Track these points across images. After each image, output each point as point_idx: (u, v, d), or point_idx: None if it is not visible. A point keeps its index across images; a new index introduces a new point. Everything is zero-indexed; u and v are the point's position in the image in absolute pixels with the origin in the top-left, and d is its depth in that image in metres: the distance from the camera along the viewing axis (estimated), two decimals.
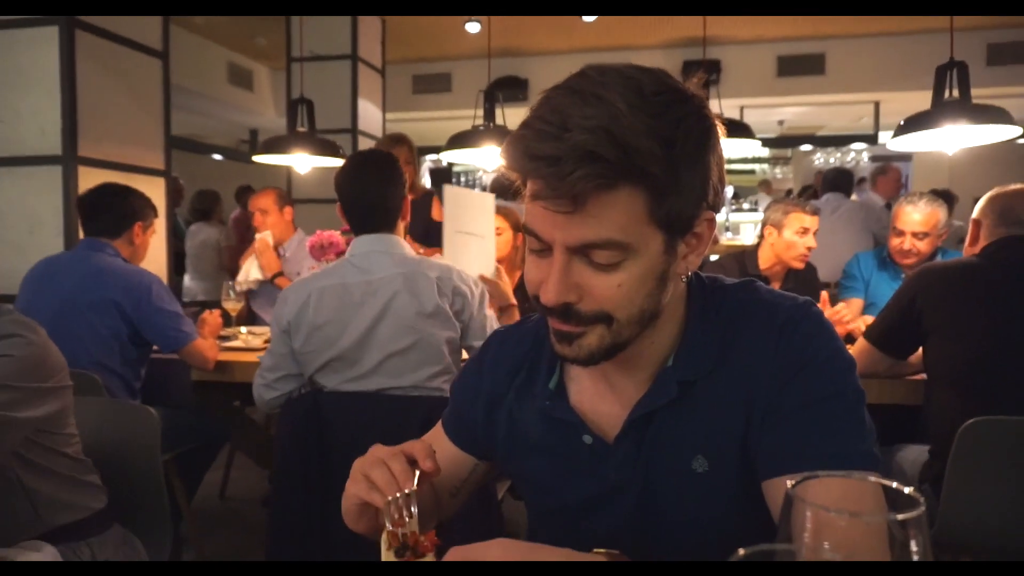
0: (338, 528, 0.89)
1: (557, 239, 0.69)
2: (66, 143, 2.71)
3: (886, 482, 0.42)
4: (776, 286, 1.93)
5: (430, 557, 0.71)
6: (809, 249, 2.57)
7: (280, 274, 3.11)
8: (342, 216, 1.82)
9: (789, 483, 0.41)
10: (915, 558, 0.38)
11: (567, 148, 0.64)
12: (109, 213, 2.27)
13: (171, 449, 2.31)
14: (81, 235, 2.39)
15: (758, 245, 2.72)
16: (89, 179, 2.61)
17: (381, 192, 1.77)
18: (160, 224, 3.22)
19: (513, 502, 2.53)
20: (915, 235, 2.53)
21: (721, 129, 0.74)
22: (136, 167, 3.04)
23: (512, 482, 0.94)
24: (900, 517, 0.36)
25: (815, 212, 2.60)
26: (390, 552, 0.71)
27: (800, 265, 2.61)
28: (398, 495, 0.72)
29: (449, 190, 2.20)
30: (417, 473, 0.75)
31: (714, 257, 3.36)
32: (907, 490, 0.40)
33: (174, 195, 4.71)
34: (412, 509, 0.72)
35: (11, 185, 2.76)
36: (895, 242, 2.60)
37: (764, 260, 2.67)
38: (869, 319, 2.50)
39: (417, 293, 1.71)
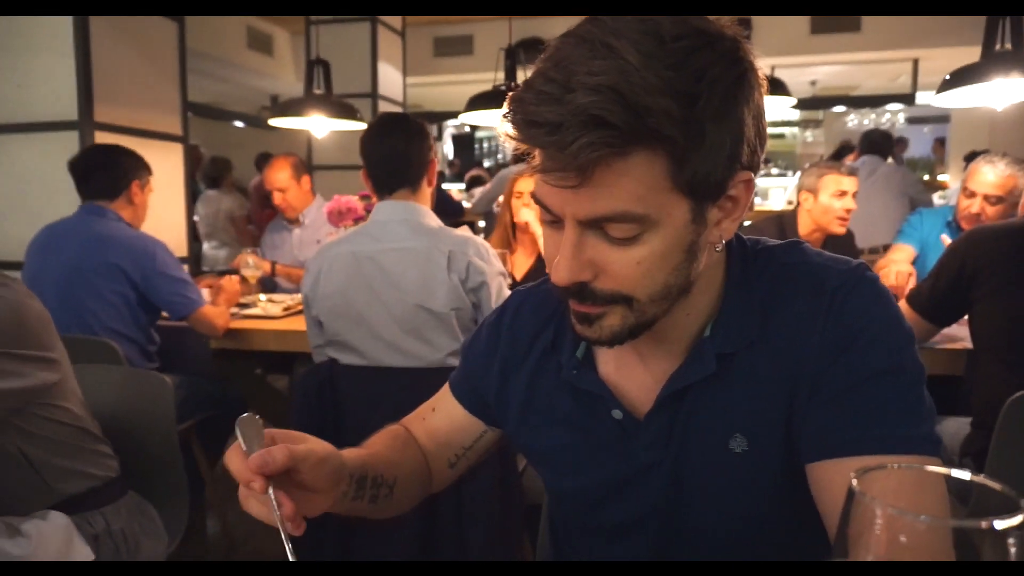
0: None
1: (567, 212, 0.62)
2: (81, 108, 2.67)
3: (961, 475, 0.36)
4: None
5: None
6: (848, 211, 2.44)
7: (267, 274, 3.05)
8: (366, 180, 1.77)
9: (853, 478, 0.35)
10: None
11: (569, 112, 0.55)
12: (103, 173, 2.21)
13: (191, 416, 2.30)
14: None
15: (796, 211, 2.61)
16: (107, 144, 2.58)
17: (403, 148, 1.70)
18: (178, 190, 3.20)
19: (535, 475, 2.50)
20: (987, 198, 2.36)
21: (761, 76, 0.65)
22: (153, 132, 3.00)
23: (527, 459, 0.87)
24: (1000, 526, 0.30)
25: (852, 173, 2.47)
26: None
27: (840, 229, 2.48)
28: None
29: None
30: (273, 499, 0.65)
31: (747, 223, 3.24)
32: (997, 486, 0.34)
33: (194, 162, 4.69)
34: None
35: (28, 151, 2.74)
36: (964, 204, 2.43)
37: (803, 226, 2.54)
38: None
39: (428, 267, 1.64)
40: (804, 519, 0.67)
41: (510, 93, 0.61)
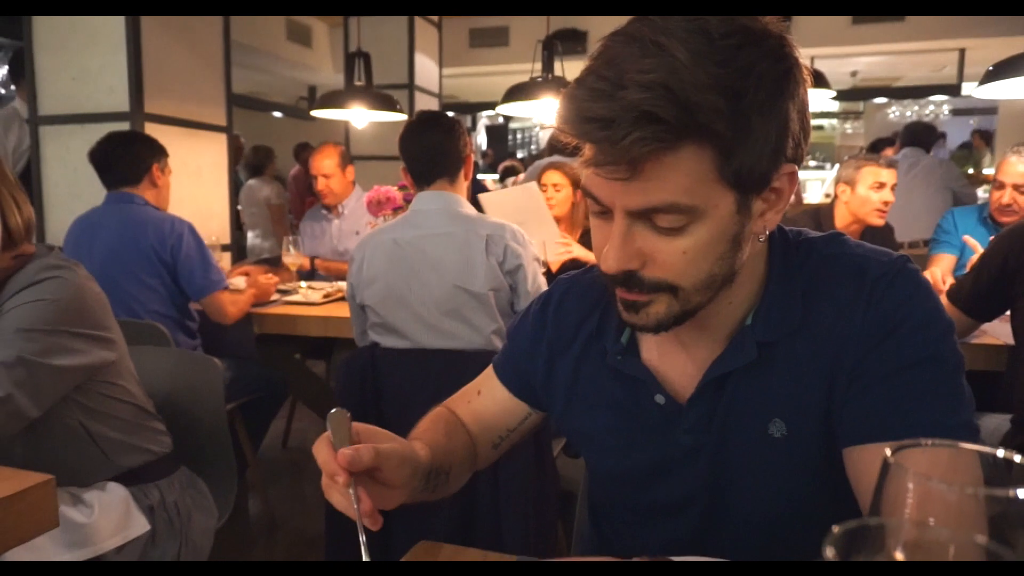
0: None
1: (617, 204, 0.64)
2: (133, 100, 2.77)
3: (994, 452, 0.38)
4: None
5: None
6: (886, 203, 2.42)
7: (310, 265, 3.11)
8: (406, 176, 1.84)
9: (888, 451, 0.37)
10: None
11: (621, 109, 0.58)
12: (122, 161, 2.28)
13: (236, 398, 2.38)
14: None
15: (833, 203, 2.59)
16: (155, 135, 2.66)
17: (439, 143, 1.77)
18: (223, 180, 3.28)
19: (567, 460, 2.53)
20: (1017, 188, 2.34)
21: (806, 72, 0.66)
22: (199, 123, 3.09)
23: (571, 441, 0.90)
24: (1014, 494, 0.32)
25: (891, 165, 2.44)
26: None
27: (879, 221, 2.46)
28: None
29: (485, 198, 2.17)
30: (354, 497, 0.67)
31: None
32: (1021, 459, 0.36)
33: (235, 152, 4.79)
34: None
35: (84, 142, 2.82)
36: (995, 196, 2.40)
37: (840, 219, 2.52)
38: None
39: (465, 251, 1.70)
40: (842, 502, 0.69)
41: (563, 90, 0.64)
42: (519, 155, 10.92)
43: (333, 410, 0.72)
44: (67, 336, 1.19)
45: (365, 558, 0.66)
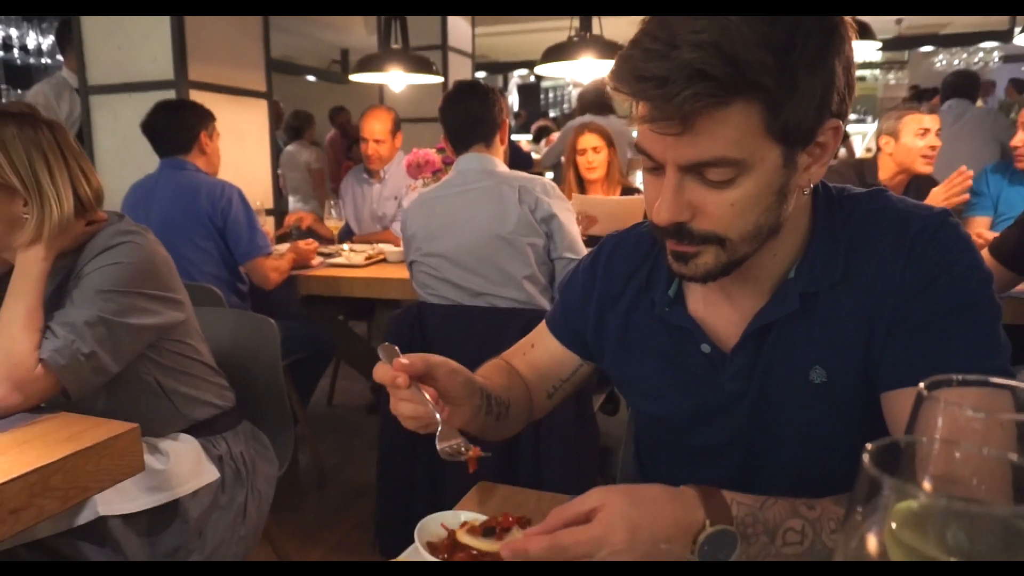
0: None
1: (669, 158, 0.68)
2: (177, 68, 2.84)
3: (1021, 385, 0.41)
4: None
5: (516, 531, 0.74)
6: (933, 148, 2.37)
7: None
8: (446, 143, 1.97)
9: (922, 385, 0.41)
10: None
11: (675, 67, 0.61)
12: (172, 129, 2.37)
13: (285, 358, 2.47)
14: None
15: (876, 156, 2.55)
16: (199, 101, 2.73)
17: (476, 109, 1.89)
18: (264, 145, 3.35)
19: (606, 417, 2.59)
20: None
21: (851, 28, 0.69)
22: (240, 89, 3.15)
23: (619, 388, 0.95)
24: None
25: (932, 111, 2.40)
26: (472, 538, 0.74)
27: (927, 168, 2.41)
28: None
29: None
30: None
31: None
32: None
33: (275, 118, 4.86)
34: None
35: (131, 110, 2.92)
36: (1019, 139, 2.32)
37: (884, 171, 2.49)
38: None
39: (498, 201, 1.81)
40: None
41: (619, 51, 0.67)
42: (551, 114, 10.82)
43: (382, 344, 0.81)
44: (142, 297, 1.27)
45: (440, 445, 0.76)
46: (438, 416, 0.76)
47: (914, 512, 0.32)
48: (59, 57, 3.69)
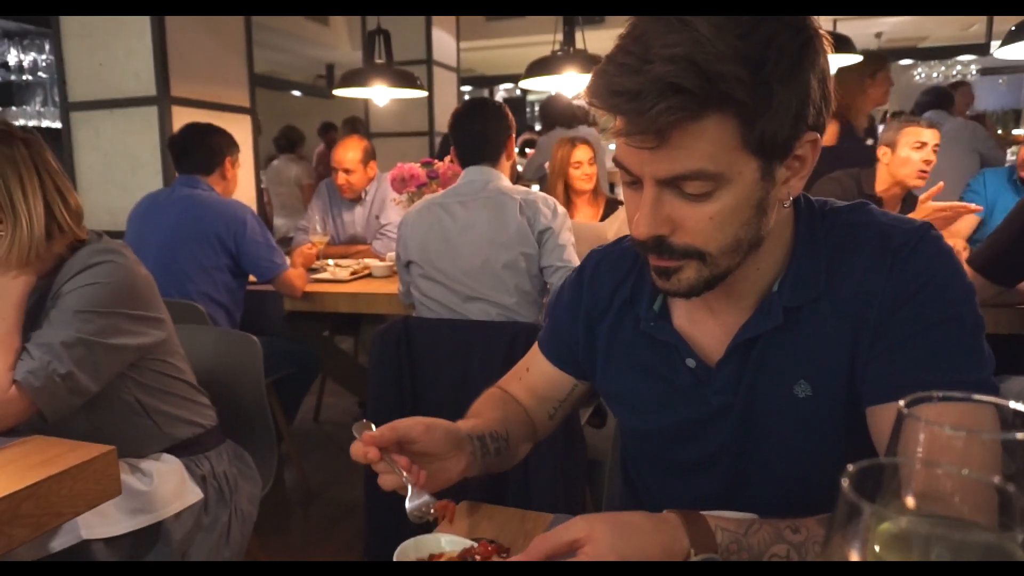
0: None
1: (646, 172, 0.68)
2: (159, 84, 2.82)
3: (1006, 403, 0.41)
4: (895, 211, 1.82)
5: (496, 558, 0.73)
6: (928, 163, 2.36)
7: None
8: (455, 157, 2.03)
9: (902, 403, 0.41)
10: None
11: (648, 81, 0.61)
12: (199, 152, 2.39)
13: (269, 375, 2.45)
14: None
15: (875, 167, 2.57)
16: (181, 118, 2.71)
17: (483, 128, 1.95)
18: (248, 161, 3.33)
19: (593, 431, 2.58)
20: None
21: (826, 41, 0.69)
22: (224, 105, 3.14)
23: (606, 402, 0.95)
24: (1021, 436, 0.35)
25: (932, 125, 2.39)
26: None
27: (919, 183, 2.40)
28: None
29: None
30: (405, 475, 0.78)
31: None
32: None
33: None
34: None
35: (113, 126, 2.91)
36: (1022, 154, 2.38)
37: (880, 182, 2.49)
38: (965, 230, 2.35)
39: (499, 211, 1.85)
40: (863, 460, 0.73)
41: (595, 67, 0.67)
42: (537, 127, 10.85)
43: (357, 422, 0.82)
44: (121, 318, 1.25)
45: (409, 509, 0.77)
46: (407, 483, 0.77)
47: (896, 536, 0.32)
48: (41, 75, 3.66)
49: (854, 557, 0.33)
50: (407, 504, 0.77)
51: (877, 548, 0.33)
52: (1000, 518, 0.36)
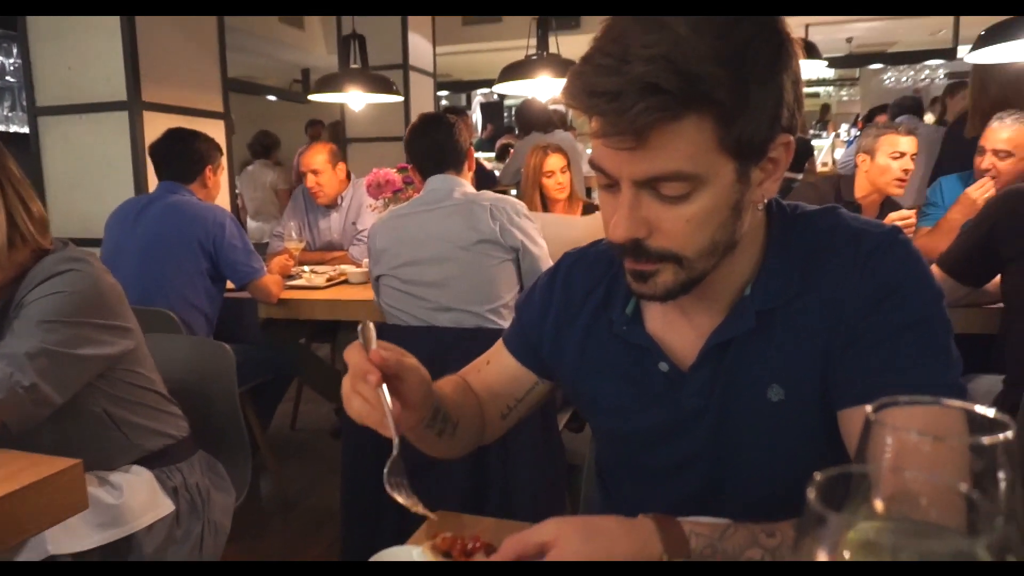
0: (411, 454, 0.92)
1: (624, 174, 0.68)
2: (130, 88, 2.78)
3: (973, 407, 0.41)
4: (873, 217, 1.84)
5: (479, 556, 0.70)
6: (906, 172, 2.39)
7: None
8: (413, 173, 2.00)
9: (869, 408, 0.41)
10: (1001, 486, 0.37)
11: (626, 82, 0.61)
12: (180, 160, 2.36)
13: (244, 383, 2.42)
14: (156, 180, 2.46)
15: (854, 173, 2.59)
16: (153, 123, 2.68)
17: (441, 140, 1.93)
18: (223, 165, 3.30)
19: (571, 435, 2.58)
20: (996, 153, 2.34)
21: (797, 46, 0.70)
22: (197, 110, 3.09)
23: (579, 407, 0.94)
24: (987, 440, 0.36)
25: (910, 132, 2.42)
26: (435, 555, 0.70)
27: (898, 191, 2.43)
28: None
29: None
30: (387, 394, 0.70)
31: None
32: (993, 414, 0.39)
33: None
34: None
35: (84, 131, 2.85)
36: (976, 161, 2.42)
37: (859, 189, 2.51)
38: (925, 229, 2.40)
39: (470, 216, 1.83)
40: (838, 463, 0.73)
41: (571, 67, 0.67)
42: (516, 131, 10.86)
43: (364, 322, 0.74)
44: (87, 327, 1.22)
45: (389, 479, 0.70)
46: (395, 441, 0.70)
47: (865, 543, 0.32)
48: (9, 79, 3.59)
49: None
50: (388, 472, 0.70)
51: (847, 555, 0.33)
52: (969, 520, 0.36)
